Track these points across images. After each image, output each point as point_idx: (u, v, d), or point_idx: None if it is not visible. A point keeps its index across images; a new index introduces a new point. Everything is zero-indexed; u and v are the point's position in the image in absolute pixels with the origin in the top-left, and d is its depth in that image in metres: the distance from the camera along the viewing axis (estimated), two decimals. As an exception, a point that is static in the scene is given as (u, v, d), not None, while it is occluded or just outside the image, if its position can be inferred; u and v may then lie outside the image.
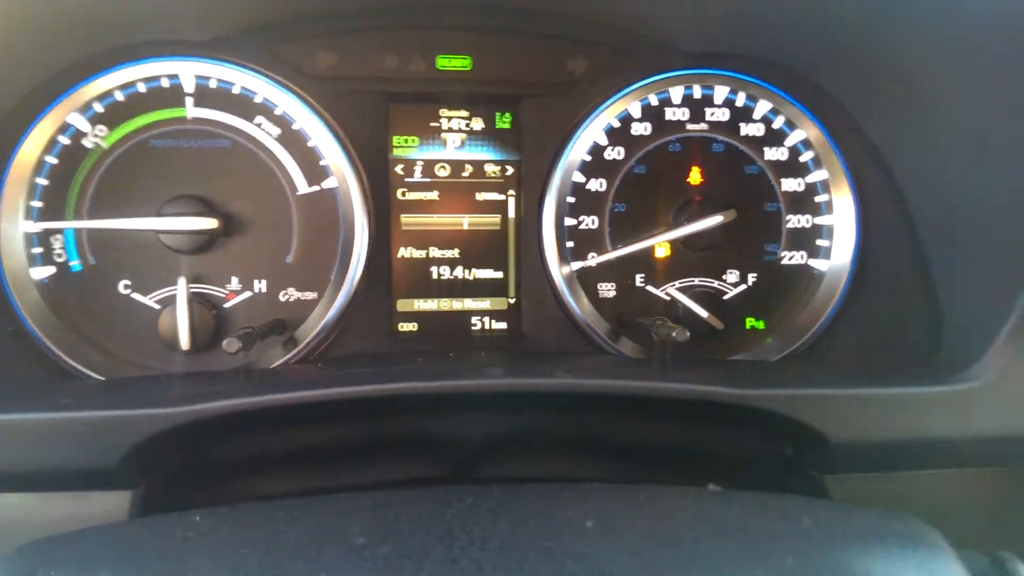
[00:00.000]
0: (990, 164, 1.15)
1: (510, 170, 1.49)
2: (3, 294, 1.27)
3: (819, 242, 1.50)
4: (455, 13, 1.40)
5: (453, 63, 1.42)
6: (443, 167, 1.48)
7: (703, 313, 1.42)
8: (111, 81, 1.31)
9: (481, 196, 1.49)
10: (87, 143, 1.32)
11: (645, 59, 1.45)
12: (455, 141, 1.48)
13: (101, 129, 1.33)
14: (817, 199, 1.49)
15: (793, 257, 1.50)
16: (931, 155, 1.29)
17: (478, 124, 1.49)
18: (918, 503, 1.10)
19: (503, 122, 1.49)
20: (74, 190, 1.32)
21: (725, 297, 1.48)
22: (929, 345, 1.26)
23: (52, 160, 1.31)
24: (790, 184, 1.49)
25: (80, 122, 1.32)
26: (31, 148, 1.29)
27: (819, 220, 1.50)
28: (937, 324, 1.26)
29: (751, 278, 1.49)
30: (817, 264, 1.50)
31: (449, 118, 1.48)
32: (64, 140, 1.32)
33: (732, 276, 1.49)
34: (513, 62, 1.43)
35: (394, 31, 1.40)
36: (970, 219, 1.22)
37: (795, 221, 1.50)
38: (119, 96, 1.33)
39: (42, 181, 1.31)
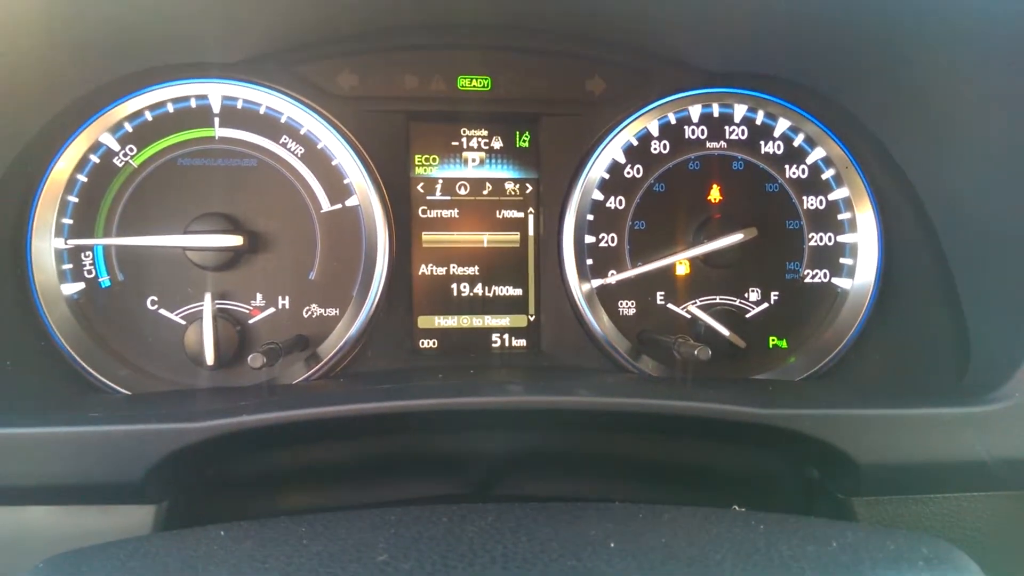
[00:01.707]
0: (1014, 180, 1.14)
1: (529, 188, 1.50)
2: (34, 309, 1.30)
3: (842, 260, 1.48)
4: (475, 34, 1.42)
5: (473, 83, 1.44)
6: (463, 185, 1.49)
7: (725, 331, 1.41)
8: (141, 102, 1.35)
9: (501, 214, 1.50)
10: (117, 162, 1.36)
11: (663, 78, 1.46)
12: (475, 160, 1.50)
13: (131, 148, 1.36)
14: (839, 217, 1.48)
15: (816, 275, 1.49)
16: (954, 172, 1.28)
17: (498, 143, 1.50)
18: (948, 526, 1.07)
19: (522, 141, 1.50)
20: (104, 208, 1.35)
21: (747, 316, 1.47)
22: (956, 364, 1.24)
23: (83, 178, 1.34)
24: (811, 202, 1.49)
25: (111, 141, 1.35)
26: (64, 167, 1.33)
27: (842, 238, 1.48)
28: (964, 342, 1.24)
29: (773, 296, 1.48)
30: (840, 282, 1.48)
31: (469, 137, 1.49)
32: (95, 159, 1.35)
33: (754, 294, 1.48)
34: (532, 82, 1.44)
35: (415, 52, 1.42)
36: (995, 236, 1.20)
37: (817, 239, 1.49)
38: (149, 116, 1.36)
39: (73, 199, 1.34)
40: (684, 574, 0.65)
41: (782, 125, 1.48)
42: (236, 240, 1.32)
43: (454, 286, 1.49)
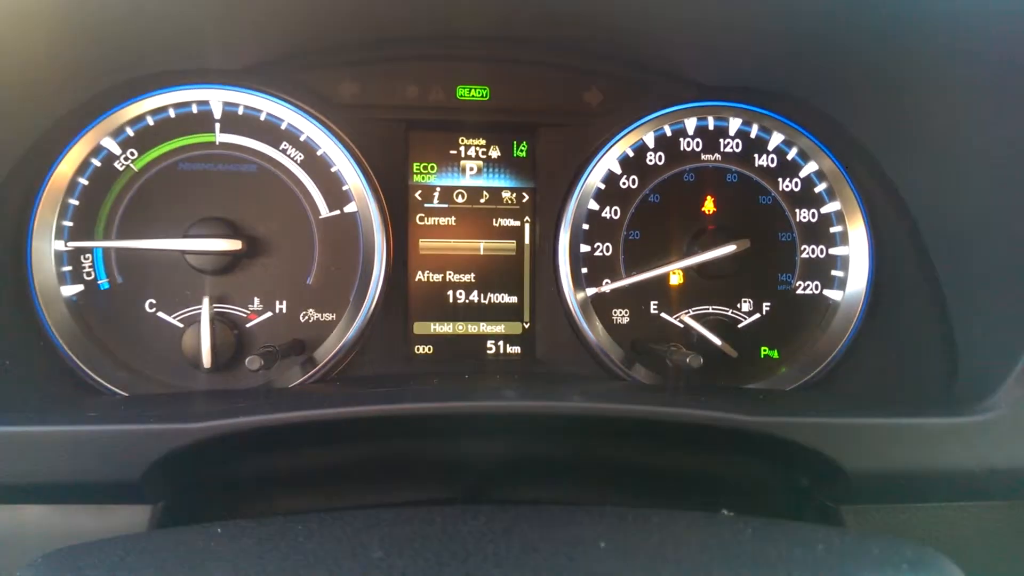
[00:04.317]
0: (1004, 195, 1.16)
1: (526, 197, 1.52)
2: (33, 310, 1.31)
3: (833, 272, 1.51)
4: (474, 45, 1.45)
5: (472, 93, 1.46)
6: (461, 194, 1.51)
7: (717, 341, 1.43)
8: (143, 107, 1.36)
9: (497, 222, 1.52)
10: (118, 165, 1.37)
11: (659, 91, 1.48)
12: (473, 168, 1.52)
13: (132, 152, 1.37)
14: (831, 230, 1.51)
15: (807, 287, 1.51)
16: (944, 186, 1.30)
17: (495, 152, 1.52)
18: (936, 536, 1.09)
19: (520, 151, 1.52)
20: (104, 211, 1.37)
21: (739, 326, 1.49)
22: (945, 375, 1.26)
23: (84, 181, 1.36)
24: (804, 214, 1.51)
25: (112, 145, 1.37)
26: (65, 169, 1.34)
27: (833, 251, 1.51)
28: (953, 354, 1.26)
29: (765, 307, 1.50)
30: (832, 294, 1.50)
31: (467, 146, 1.52)
32: (96, 163, 1.36)
33: (746, 305, 1.50)
34: (530, 93, 1.47)
35: (415, 62, 1.45)
36: (984, 249, 1.22)
37: (809, 251, 1.51)
38: (150, 121, 1.38)
39: (73, 201, 1.35)
40: (672, 573, 0.66)
41: (776, 139, 1.50)
42: (235, 244, 1.34)
43: (450, 293, 1.51)
